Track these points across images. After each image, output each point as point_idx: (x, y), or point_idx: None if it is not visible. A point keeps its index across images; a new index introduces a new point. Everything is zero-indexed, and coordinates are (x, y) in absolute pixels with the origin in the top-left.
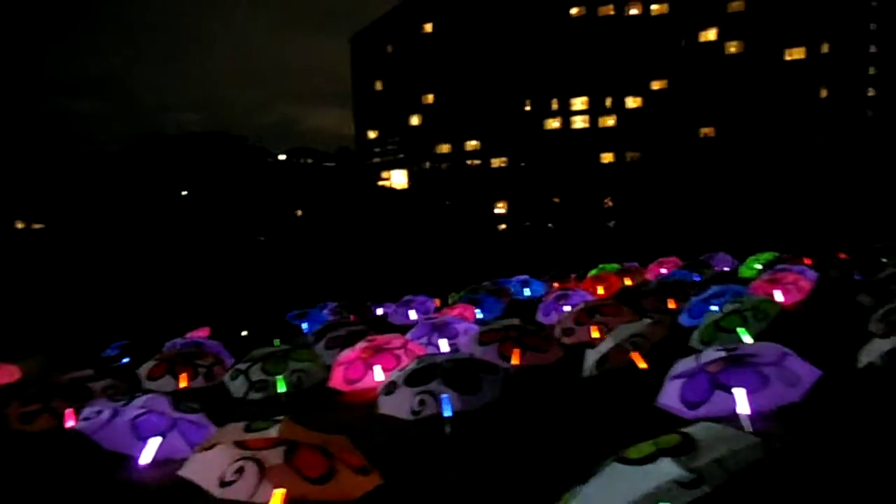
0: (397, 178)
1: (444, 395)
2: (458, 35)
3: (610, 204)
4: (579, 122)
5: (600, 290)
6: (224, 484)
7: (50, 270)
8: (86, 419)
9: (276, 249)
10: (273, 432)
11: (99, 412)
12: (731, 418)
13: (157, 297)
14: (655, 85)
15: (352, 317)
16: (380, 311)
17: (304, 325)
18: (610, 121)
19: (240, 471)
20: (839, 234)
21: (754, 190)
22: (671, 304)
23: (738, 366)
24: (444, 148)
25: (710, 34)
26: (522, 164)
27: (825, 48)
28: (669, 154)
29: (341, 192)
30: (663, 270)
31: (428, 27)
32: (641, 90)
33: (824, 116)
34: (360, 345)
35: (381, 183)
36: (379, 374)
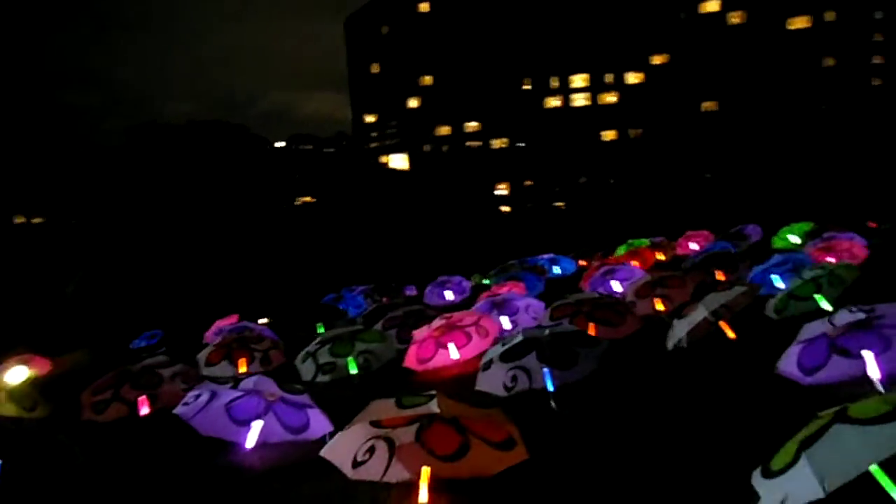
0: (397, 163)
1: (545, 370)
2: (455, 14)
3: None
4: (580, 100)
5: (635, 265)
6: (356, 464)
7: (51, 264)
8: (185, 404)
9: (282, 236)
10: (433, 406)
11: (198, 396)
12: (852, 383)
13: (170, 288)
14: (656, 59)
15: (384, 299)
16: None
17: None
18: (611, 97)
19: (371, 450)
20: (852, 203)
21: (760, 162)
22: (719, 276)
23: (859, 329)
24: (444, 130)
25: (712, 5)
26: (522, 144)
27: (830, 16)
28: (672, 130)
29: (343, 177)
30: (692, 244)
31: (424, 6)
32: (642, 65)
33: (829, 86)
34: (436, 323)
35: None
36: (454, 352)
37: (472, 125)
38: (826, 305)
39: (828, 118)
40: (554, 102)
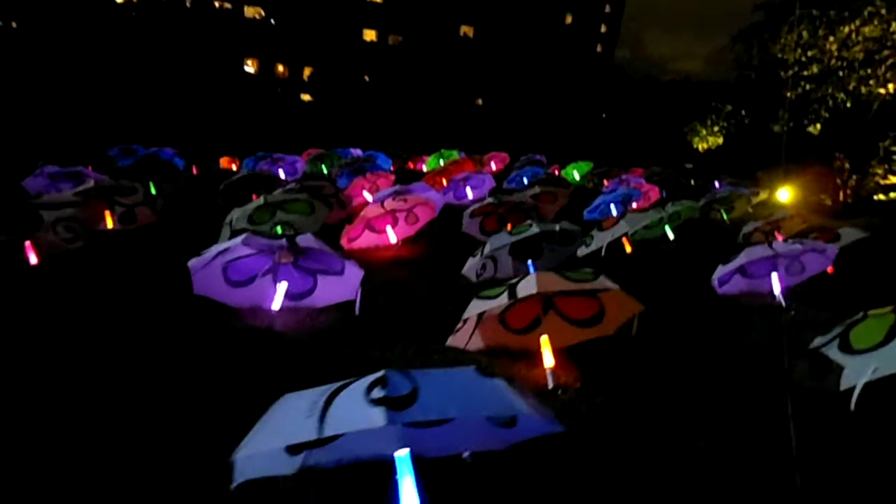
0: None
1: (530, 262)
2: None
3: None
4: None
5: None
6: (454, 332)
7: None
8: (200, 254)
9: None
10: (603, 282)
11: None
12: (748, 294)
13: None
14: None
15: (194, 168)
16: None
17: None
18: None
19: (465, 321)
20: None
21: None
22: None
23: (766, 258)
24: None
25: None
26: (272, 20)
27: None
28: (430, 45)
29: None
30: (493, 163)
31: None
32: None
33: (566, 41)
34: (390, 203)
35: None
36: (391, 235)
37: None
38: (670, 234)
39: (560, 72)
40: None
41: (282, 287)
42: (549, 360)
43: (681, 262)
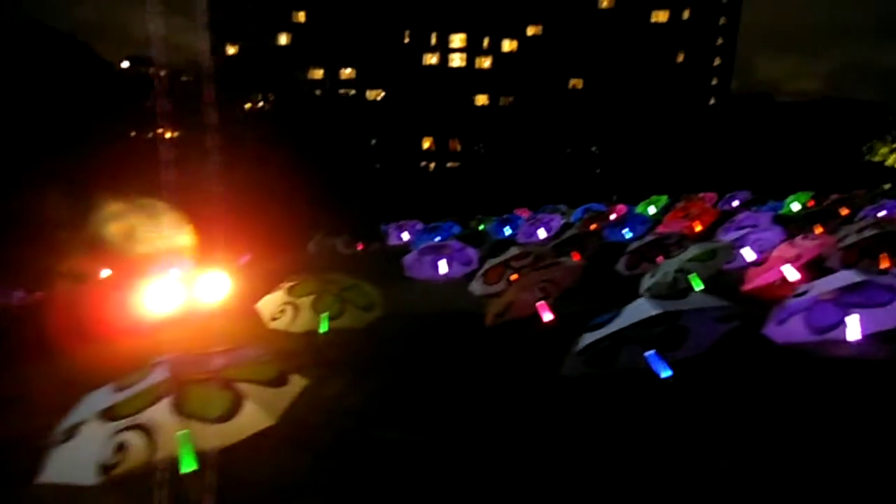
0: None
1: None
2: None
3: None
4: (457, 61)
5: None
6: None
7: None
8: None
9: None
10: None
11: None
12: None
13: None
14: (531, 30)
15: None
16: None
17: None
18: (486, 62)
19: None
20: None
21: (617, 142)
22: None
23: None
24: (317, 73)
25: None
26: (397, 98)
27: (686, 14)
28: (541, 102)
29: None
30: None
31: None
32: (517, 33)
33: (680, 79)
34: (799, 241)
35: (248, 105)
36: (792, 274)
37: (346, 72)
38: None
39: (678, 110)
40: (432, 59)
41: (852, 320)
42: None
43: None
